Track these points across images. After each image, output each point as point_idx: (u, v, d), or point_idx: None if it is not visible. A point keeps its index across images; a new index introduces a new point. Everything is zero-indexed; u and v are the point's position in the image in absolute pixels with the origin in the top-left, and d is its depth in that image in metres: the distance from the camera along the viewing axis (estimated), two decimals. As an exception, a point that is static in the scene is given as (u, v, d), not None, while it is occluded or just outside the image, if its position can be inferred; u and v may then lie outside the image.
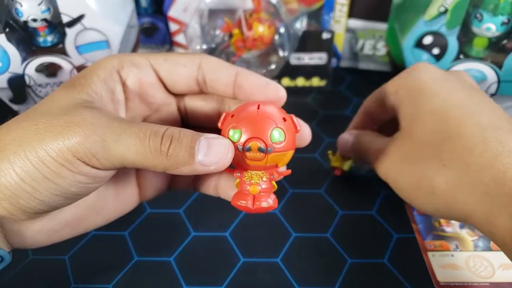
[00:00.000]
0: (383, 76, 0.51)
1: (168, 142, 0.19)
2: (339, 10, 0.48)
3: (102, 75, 0.22)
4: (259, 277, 0.29)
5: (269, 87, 0.23)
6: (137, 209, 0.35)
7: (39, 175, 0.19)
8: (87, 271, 0.30)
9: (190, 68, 0.24)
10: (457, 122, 0.24)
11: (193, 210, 0.34)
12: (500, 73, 0.37)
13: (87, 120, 0.19)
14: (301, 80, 0.48)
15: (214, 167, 0.20)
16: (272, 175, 0.22)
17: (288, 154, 0.22)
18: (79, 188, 0.20)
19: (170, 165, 0.19)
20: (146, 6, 0.50)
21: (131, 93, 0.24)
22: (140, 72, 0.24)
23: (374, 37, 0.49)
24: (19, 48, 0.33)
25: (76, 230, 0.24)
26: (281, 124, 0.21)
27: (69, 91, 0.21)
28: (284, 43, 0.44)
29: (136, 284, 0.29)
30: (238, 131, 0.21)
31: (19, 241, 0.21)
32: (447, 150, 0.23)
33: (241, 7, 0.43)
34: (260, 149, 0.20)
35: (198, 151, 0.19)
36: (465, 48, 0.38)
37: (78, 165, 0.19)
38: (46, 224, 0.22)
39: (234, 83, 0.23)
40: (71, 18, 0.33)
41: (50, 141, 0.19)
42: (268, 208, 0.22)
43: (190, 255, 0.31)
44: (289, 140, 0.21)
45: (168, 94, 0.25)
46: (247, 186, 0.22)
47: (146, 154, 0.19)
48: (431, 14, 0.38)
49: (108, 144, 0.19)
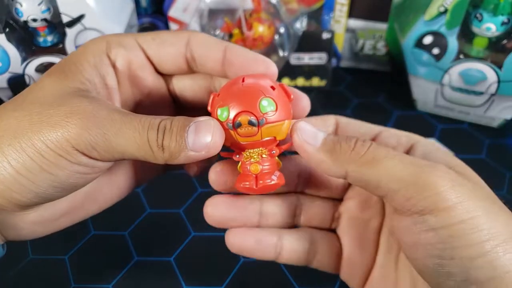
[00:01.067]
0: (383, 76, 0.51)
1: (162, 134, 0.19)
2: (339, 10, 0.48)
3: (93, 60, 0.22)
4: (259, 277, 0.29)
5: (258, 61, 0.22)
6: (137, 209, 0.35)
7: (36, 167, 0.18)
8: (87, 271, 0.30)
9: (178, 46, 0.23)
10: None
11: (193, 210, 0.34)
12: (500, 73, 0.37)
13: (87, 111, 0.19)
14: (301, 80, 0.48)
15: (205, 152, 0.19)
16: (272, 151, 0.21)
17: (285, 125, 0.20)
18: (77, 179, 0.20)
19: (168, 157, 0.19)
20: (146, 6, 0.50)
21: (121, 77, 0.23)
22: (128, 53, 0.23)
23: (374, 37, 0.49)
24: (19, 48, 0.33)
25: (72, 219, 0.23)
26: (270, 93, 0.20)
27: (60, 79, 0.20)
28: (284, 43, 0.44)
29: (136, 284, 0.29)
30: (225, 108, 0.19)
31: (14, 233, 0.21)
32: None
33: (241, 7, 0.43)
34: (250, 122, 0.19)
35: (188, 137, 0.19)
36: (465, 48, 0.38)
37: (77, 156, 0.19)
38: (42, 214, 0.21)
39: (223, 59, 0.22)
40: (71, 18, 0.33)
41: (48, 132, 0.18)
42: (273, 185, 0.21)
43: (190, 255, 0.31)
44: (282, 109, 0.20)
45: (158, 76, 0.24)
46: (247, 167, 0.21)
47: (145, 148, 0.19)
48: (431, 14, 0.38)
49: (109, 137, 0.19)
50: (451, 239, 0.17)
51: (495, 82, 0.38)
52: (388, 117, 0.44)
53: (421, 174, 0.18)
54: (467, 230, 0.17)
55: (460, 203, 0.17)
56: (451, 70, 0.39)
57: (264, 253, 0.24)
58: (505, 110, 0.40)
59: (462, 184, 0.18)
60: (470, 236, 0.17)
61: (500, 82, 0.38)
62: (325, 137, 0.20)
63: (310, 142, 0.20)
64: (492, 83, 0.38)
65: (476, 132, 0.42)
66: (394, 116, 0.45)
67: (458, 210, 0.17)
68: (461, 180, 0.18)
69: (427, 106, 0.44)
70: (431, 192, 0.18)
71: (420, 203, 0.18)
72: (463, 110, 0.42)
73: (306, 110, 0.23)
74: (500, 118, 0.41)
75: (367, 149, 0.19)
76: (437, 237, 0.18)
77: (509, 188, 0.35)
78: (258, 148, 0.21)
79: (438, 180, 0.18)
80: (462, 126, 0.43)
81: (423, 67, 0.41)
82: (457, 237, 0.17)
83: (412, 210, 0.18)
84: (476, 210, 0.17)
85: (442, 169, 0.19)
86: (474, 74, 0.38)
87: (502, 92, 0.38)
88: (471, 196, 0.18)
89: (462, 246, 0.17)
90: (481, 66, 0.38)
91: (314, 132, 0.21)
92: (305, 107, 0.22)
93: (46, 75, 0.21)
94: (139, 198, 0.35)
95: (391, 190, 0.19)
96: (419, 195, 0.18)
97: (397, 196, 0.19)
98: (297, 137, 0.20)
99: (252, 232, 0.24)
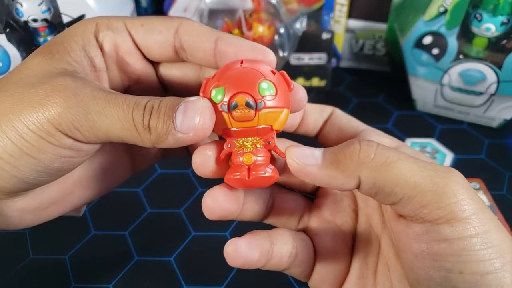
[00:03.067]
0: (383, 76, 0.51)
1: (149, 114, 0.18)
2: (338, 11, 0.48)
3: (81, 41, 0.20)
4: (259, 277, 0.29)
5: (256, 50, 0.20)
6: (137, 208, 0.35)
7: (17, 150, 0.17)
8: (87, 271, 0.30)
9: (166, 35, 0.21)
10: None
11: (193, 210, 0.34)
12: (500, 73, 0.37)
13: (68, 89, 0.18)
14: (301, 80, 0.48)
15: (192, 134, 0.17)
16: (267, 142, 0.19)
17: (283, 114, 0.19)
18: (62, 163, 0.18)
19: (155, 139, 0.18)
20: (146, 6, 0.50)
21: (109, 61, 0.22)
22: (116, 37, 0.22)
23: (374, 37, 0.49)
24: (20, 48, 0.33)
25: (65, 207, 0.22)
26: (270, 77, 0.18)
27: (47, 59, 0.19)
28: (284, 43, 0.44)
29: (136, 284, 0.29)
30: (220, 89, 0.18)
31: (3, 221, 0.20)
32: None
33: (241, 7, 0.43)
34: (248, 104, 0.17)
35: (176, 118, 0.17)
36: (465, 48, 0.38)
37: (60, 138, 0.18)
38: (31, 202, 0.20)
39: (214, 49, 0.21)
40: (71, 18, 0.33)
41: (29, 113, 0.17)
42: (267, 178, 0.19)
43: (190, 255, 0.31)
44: (282, 95, 0.18)
45: (147, 62, 0.23)
46: (239, 157, 0.19)
47: (131, 129, 0.18)
48: (431, 14, 0.38)
49: (92, 117, 0.18)
50: (465, 252, 0.16)
51: (495, 82, 0.38)
52: (388, 117, 0.44)
53: (438, 180, 0.17)
54: (481, 245, 0.16)
55: (475, 215, 0.17)
56: (451, 70, 0.39)
57: (260, 263, 0.22)
58: (504, 110, 0.40)
59: (475, 194, 0.17)
60: (483, 251, 0.16)
61: (500, 82, 0.38)
62: (323, 152, 0.19)
63: (310, 163, 0.19)
64: (492, 83, 0.38)
65: (476, 132, 0.42)
66: (394, 116, 0.45)
67: (474, 222, 0.16)
68: (472, 189, 0.17)
69: (427, 106, 0.44)
70: (451, 201, 0.17)
71: (436, 211, 0.17)
72: (463, 110, 0.42)
73: (303, 103, 0.21)
74: (499, 118, 0.41)
75: (375, 149, 0.18)
76: (451, 248, 0.17)
77: (509, 188, 0.35)
78: (253, 137, 0.19)
79: (457, 187, 0.17)
80: (461, 126, 0.43)
81: (422, 67, 0.41)
82: (472, 251, 0.16)
83: (426, 218, 0.17)
84: (489, 223, 0.17)
85: (458, 174, 0.17)
86: (473, 74, 0.38)
87: (502, 92, 0.38)
88: (483, 207, 0.17)
89: (475, 261, 0.16)
90: (480, 66, 0.38)
91: (310, 152, 0.19)
92: (302, 99, 0.20)
93: (33, 56, 0.20)
94: (139, 198, 0.35)
95: (406, 196, 0.17)
96: (437, 203, 0.17)
97: (412, 203, 0.17)
98: (295, 163, 0.19)
99: (254, 241, 0.21)
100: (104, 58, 0.22)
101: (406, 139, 0.41)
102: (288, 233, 0.23)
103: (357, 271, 0.23)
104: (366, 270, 0.22)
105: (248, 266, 0.21)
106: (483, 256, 0.16)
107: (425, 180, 0.17)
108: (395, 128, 0.43)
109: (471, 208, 0.17)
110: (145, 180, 0.37)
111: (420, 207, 0.17)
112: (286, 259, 0.22)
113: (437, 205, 0.17)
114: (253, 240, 0.21)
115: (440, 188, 0.17)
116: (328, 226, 0.24)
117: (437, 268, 0.17)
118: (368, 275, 0.22)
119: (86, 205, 0.28)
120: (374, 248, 0.22)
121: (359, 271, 0.22)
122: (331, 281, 0.23)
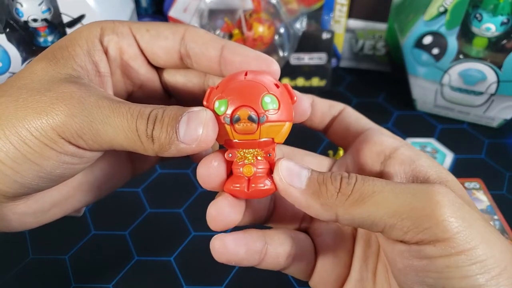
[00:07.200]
0: (383, 76, 0.51)
1: (152, 124, 0.18)
2: (339, 10, 0.48)
3: (85, 45, 0.20)
4: (259, 277, 0.29)
5: (260, 59, 0.20)
6: (137, 208, 0.35)
7: (21, 156, 0.17)
8: (87, 271, 0.30)
9: (172, 41, 0.22)
10: None
11: (193, 210, 0.34)
12: (500, 73, 0.37)
13: (73, 97, 0.18)
14: (301, 80, 0.48)
15: (195, 145, 0.18)
16: (268, 154, 0.19)
17: (285, 127, 0.19)
18: (64, 170, 0.19)
19: (158, 149, 0.18)
20: (146, 6, 0.50)
21: (113, 65, 0.22)
22: (121, 42, 0.21)
23: (374, 37, 0.49)
24: (20, 48, 0.33)
25: (65, 210, 0.22)
26: (274, 90, 0.18)
27: (51, 64, 0.19)
28: (284, 43, 0.44)
29: (136, 284, 0.29)
30: (224, 101, 0.18)
31: (3, 224, 0.20)
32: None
33: (241, 7, 0.43)
34: (250, 118, 0.18)
35: (179, 129, 0.17)
36: (465, 48, 0.38)
37: (63, 145, 0.18)
38: (32, 206, 0.20)
39: (220, 58, 0.21)
40: (71, 18, 0.33)
41: (33, 119, 0.17)
42: (266, 191, 0.19)
43: (190, 255, 0.31)
44: (284, 109, 0.18)
45: (151, 68, 0.23)
46: (240, 168, 0.19)
47: (134, 138, 0.18)
48: (431, 14, 0.38)
49: (96, 126, 0.18)
50: (447, 269, 0.16)
51: (495, 82, 0.38)
52: (388, 117, 0.44)
53: (416, 204, 0.17)
54: (465, 262, 0.16)
55: (460, 232, 0.16)
56: (451, 70, 0.39)
57: (250, 261, 0.22)
58: (504, 110, 0.40)
59: (461, 208, 0.17)
60: (466, 268, 0.16)
61: (500, 82, 0.38)
62: (309, 177, 0.19)
63: (295, 185, 0.19)
64: (492, 83, 0.38)
65: (476, 132, 0.42)
66: (394, 116, 0.45)
67: (458, 241, 0.16)
68: (459, 203, 0.17)
69: (427, 106, 0.44)
70: (430, 224, 0.16)
71: (418, 236, 0.17)
72: (463, 110, 0.42)
73: (306, 113, 0.21)
74: (499, 118, 0.41)
75: (352, 186, 0.18)
76: (433, 265, 0.17)
77: (509, 188, 0.35)
78: (254, 149, 0.19)
79: (437, 208, 0.17)
80: (461, 126, 0.43)
81: (422, 67, 0.41)
82: (454, 268, 0.16)
83: (410, 242, 0.17)
84: (475, 239, 0.16)
85: (440, 192, 0.17)
86: (473, 74, 0.38)
87: (502, 92, 0.38)
88: (471, 223, 0.17)
89: (457, 278, 0.16)
90: (480, 66, 0.38)
91: (297, 171, 0.19)
92: (306, 109, 0.21)
93: (37, 60, 0.20)
94: (139, 198, 0.35)
95: (388, 225, 0.17)
96: (417, 228, 0.17)
97: (395, 230, 0.17)
98: (280, 182, 0.19)
99: (241, 238, 0.21)
100: (108, 63, 0.22)
101: (406, 139, 0.41)
102: (286, 234, 0.23)
103: (357, 273, 0.23)
104: (366, 272, 0.22)
105: (234, 262, 0.21)
106: (466, 272, 0.16)
107: (403, 207, 0.17)
108: (395, 128, 0.43)
109: (454, 226, 0.16)
110: (145, 180, 0.37)
111: (403, 234, 0.17)
112: (283, 259, 0.22)
113: (417, 230, 0.17)
114: (240, 237, 0.21)
115: (418, 212, 0.17)
116: (329, 227, 0.24)
117: (420, 283, 0.17)
118: (368, 277, 0.22)
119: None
120: (374, 250, 0.22)
121: (359, 273, 0.23)
122: (332, 282, 0.23)
